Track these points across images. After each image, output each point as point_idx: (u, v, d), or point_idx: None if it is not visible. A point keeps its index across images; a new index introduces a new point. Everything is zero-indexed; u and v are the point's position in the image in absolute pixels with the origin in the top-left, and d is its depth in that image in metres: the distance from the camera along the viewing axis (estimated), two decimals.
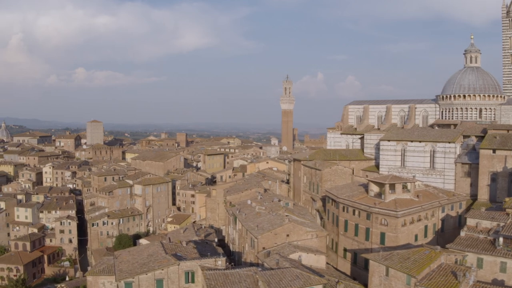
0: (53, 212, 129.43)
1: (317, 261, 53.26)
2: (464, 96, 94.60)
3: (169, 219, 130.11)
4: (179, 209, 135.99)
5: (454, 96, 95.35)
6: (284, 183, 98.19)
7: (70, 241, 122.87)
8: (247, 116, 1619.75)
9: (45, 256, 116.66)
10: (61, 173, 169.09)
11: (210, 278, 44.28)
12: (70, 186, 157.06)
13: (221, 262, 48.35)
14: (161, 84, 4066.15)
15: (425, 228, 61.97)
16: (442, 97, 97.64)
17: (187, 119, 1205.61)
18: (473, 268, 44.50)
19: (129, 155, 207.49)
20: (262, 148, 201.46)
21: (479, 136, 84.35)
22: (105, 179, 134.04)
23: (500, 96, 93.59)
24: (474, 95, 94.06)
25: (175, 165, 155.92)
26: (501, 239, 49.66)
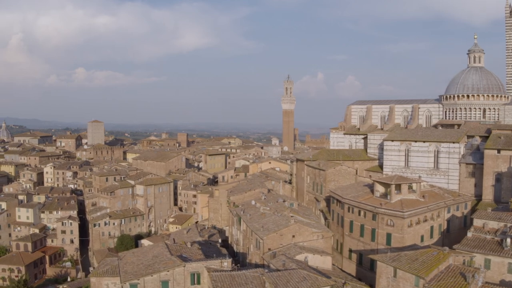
0: (55, 213, 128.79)
1: (323, 262, 52.84)
2: (468, 96, 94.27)
3: (171, 220, 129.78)
4: (181, 210, 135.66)
5: (458, 96, 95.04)
6: (287, 184, 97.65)
7: (72, 242, 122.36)
8: (247, 116, 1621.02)
9: (47, 257, 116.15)
10: (62, 173, 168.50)
11: (217, 280, 43.84)
12: (71, 186, 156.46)
13: (227, 264, 47.90)
14: (161, 84, 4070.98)
15: (431, 229, 61.58)
16: (446, 97, 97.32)
17: (187, 119, 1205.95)
18: (482, 269, 44.12)
19: (130, 155, 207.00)
20: (263, 148, 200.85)
21: (483, 136, 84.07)
22: (107, 179, 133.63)
23: (504, 96, 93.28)
24: (478, 95, 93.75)
25: (177, 165, 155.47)
26: (509, 240, 49.23)
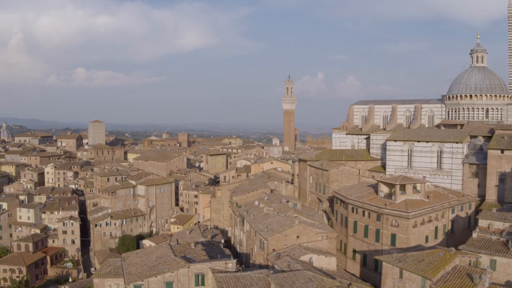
0: (56, 213, 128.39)
1: (328, 263, 52.49)
2: (471, 96, 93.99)
3: (172, 220, 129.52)
4: (182, 210, 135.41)
5: (461, 96, 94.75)
6: (290, 184, 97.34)
7: (73, 242, 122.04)
8: (247, 116, 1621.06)
9: (48, 257, 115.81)
10: (63, 174, 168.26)
11: (221, 281, 43.52)
12: (72, 187, 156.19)
13: (232, 265, 47.58)
14: (161, 84, 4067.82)
15: (436, 229, 61.31)
16: (448, 97, 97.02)
17: (187, 119, 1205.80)
18: (489, 270, 43.79)
19: (131, 155, 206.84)
20: (264, 148, 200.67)
21: (486, 136, 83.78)
22: (108, 180, 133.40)
23: (507, 96, 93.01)
24: (481, 95, 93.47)
25: (178, 166, 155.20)
26: None
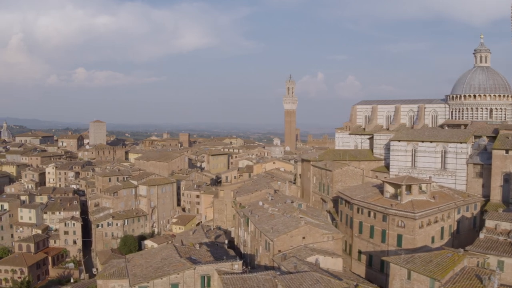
0: (57, 213, 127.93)
1: (334, 264, 52.11)
2: (475, 96, 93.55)
3: (174, 220, 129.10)
4: (184, 210, 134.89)
5: (464, 96, 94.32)
6: (293, 184, 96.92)
7: (75, 243, 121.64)
8: (247, 116, 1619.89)
9: (49, 258, 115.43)
10: (64, 174, 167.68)
11: (228, 283, 43.11)
12: (74, 187, 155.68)
13: (238, 266, 47.14)
14: (161, 84, 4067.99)
15: (442, 230, 60.95)
16: (452, 97, 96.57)
17: (187, 119, 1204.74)
18: (498, 271, 43.41)
19: (132, 155, 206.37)
20: (266, 148, 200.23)
21: (491, 137, 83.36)
22: (110, 180, 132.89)
23: (511, 96, 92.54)
24: (485, 95, 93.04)
25: (180, 166, 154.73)
26: None
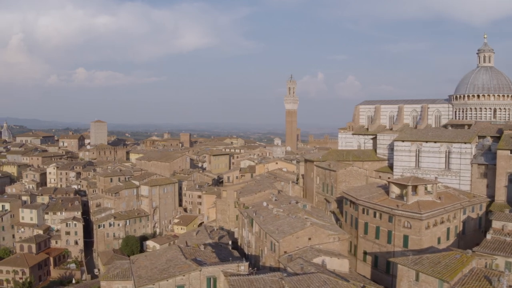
0: (59, 214, 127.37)
1: (340, 265, 51.69)
2: (478, 96, 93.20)
3: (176, 221, 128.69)
4: (186, 210, 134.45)
5: (468, 96, 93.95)
6: (296, 184, 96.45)
7: (76, 243, 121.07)
8: (247, 116, 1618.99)
9: (51, 258, 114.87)
10: (66, 174, 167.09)
11: (234, 284, 42.70)
12: (75, 187, 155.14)
13: (244, 267, 46.71)
14: (161, 84, 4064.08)
15: (447, 231, 60.57)
16: (456, 97, 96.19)
17: (187, 119, 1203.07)
18: (506, 273, 43.04)
19: (133, 156, 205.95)
20: (267, 148, 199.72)
21: (495, 137, 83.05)
22: (111, 180, 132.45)
23: None
24: (489, 95, 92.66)
25: (181, 166, 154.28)
26: None
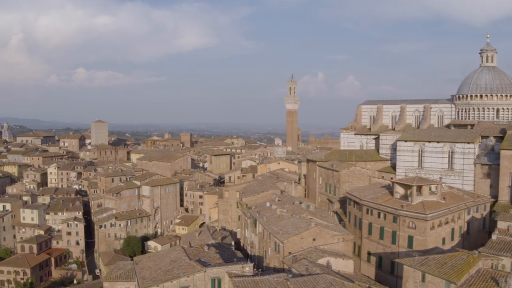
0: (60, 214, 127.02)
1: (345, 266, 51.41)
2: (481, 96, 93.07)
3: (177, 221, 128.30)
4: (187, 211, 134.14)
5: (471, 96, 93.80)
6: (299, 185, 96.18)
7: (77, 243, 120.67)
8: (247, 116, 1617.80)
9: (52, 259, 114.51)
10: (66, 174, 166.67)
11: (239, 286, 42.34)
12: (76, 187, 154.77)
13: (249, 268, 46.35)
14: (161, 84, 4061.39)
15: (452, 231, 60.24)
16: (458, 97, 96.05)
17: (187, 119, 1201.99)
18: None
19: (134, 156, 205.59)
20: (269, 148, 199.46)
21: (498, 137, 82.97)
22: (112, 180, 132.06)
23: None
24: (492, 95, 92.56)
25: (182, 166, 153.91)
26: None
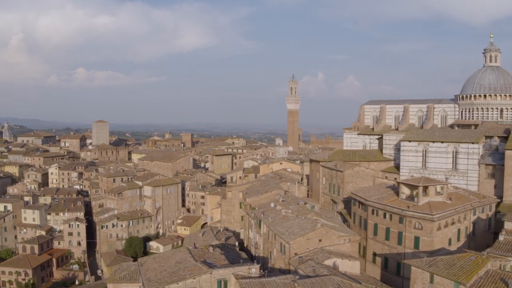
0: (61, 214, 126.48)
1: (352, 267, 51.05)
2: (485, 96, 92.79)
3: (179, 221, 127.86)
4: (189, 211, 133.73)
5: (475, 96, 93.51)
6: (303, 185, 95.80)
7: (79, 244, 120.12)
8: (247, 116, 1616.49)
9: (54, 259, 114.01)
10: (68, 174, 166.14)
11: (246, 287, 42.01)
12: (77, 187, 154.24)
13: (255, 270, 45.95)
14: (161, 84, 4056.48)
15: (458, 232, 59.91)
16: (462, 97, 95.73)
17: (187, 119, 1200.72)
18: None
19: (135, 156, 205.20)
20: (270, 148, 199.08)
21: (502, 137, 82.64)
22: (114, 180, 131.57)
23: None
24: (495, 95, 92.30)
25: (184, 166, 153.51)
26: None
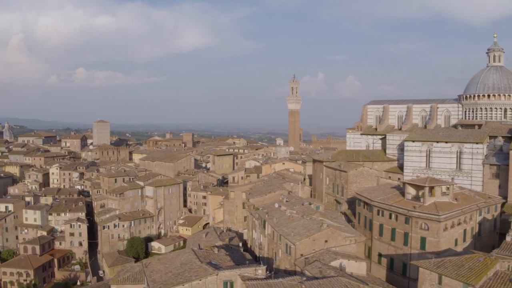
0: (63, 215, 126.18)
1: (358, 268, 50.65)
2: (489, 96, 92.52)
3: (181, 221, 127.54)
4: (190, 211, 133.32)
5: (478, 96, 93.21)
6: (306, 185, 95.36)
7: (80, 244, 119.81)
8: (247, 116, 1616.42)
9: (55, 260, 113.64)
10: (69, 174, 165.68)
11: None
12: (78, 188, 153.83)
13: (262, 271, 45.53)
14: (161, 84, 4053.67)
15: (464, 232, 59.50)
16: (465, 97, 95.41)
17: (187, 119, 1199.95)
18: None
19: (136, 156, 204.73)
20: (270, 148, 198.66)
21: (506, 137, 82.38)
22: (116, 181, 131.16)
23: None
24: (499, 95, 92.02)
25: (186, 166, 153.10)
26: None
